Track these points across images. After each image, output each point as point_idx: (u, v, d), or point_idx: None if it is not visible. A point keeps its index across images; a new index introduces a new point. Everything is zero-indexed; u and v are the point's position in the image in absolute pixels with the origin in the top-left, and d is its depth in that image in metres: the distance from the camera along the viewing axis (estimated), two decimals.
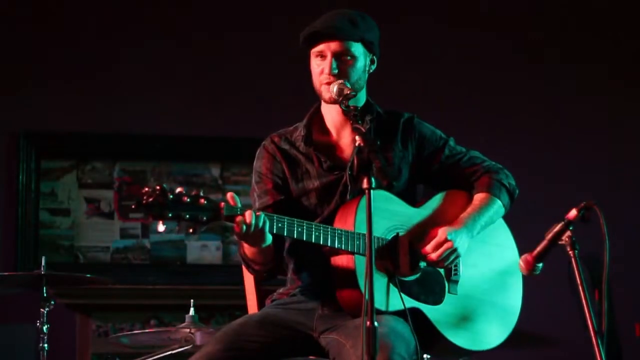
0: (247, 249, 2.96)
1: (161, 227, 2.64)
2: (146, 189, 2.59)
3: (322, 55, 3.02)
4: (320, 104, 3.16)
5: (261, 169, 3.14)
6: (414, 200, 3.13)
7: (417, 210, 3.09)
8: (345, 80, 2.98)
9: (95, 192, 5.76)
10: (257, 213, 2.74)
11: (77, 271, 5.16)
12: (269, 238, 2.81)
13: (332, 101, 3.01)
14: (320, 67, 3.03)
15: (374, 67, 3.12)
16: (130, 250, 5.74)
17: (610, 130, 6.13)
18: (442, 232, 2.99)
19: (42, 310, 4.16)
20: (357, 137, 2.64)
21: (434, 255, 2.98)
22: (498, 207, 3.15)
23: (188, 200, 2.62)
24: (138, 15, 5.88)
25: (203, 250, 5.80)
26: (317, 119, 3.16)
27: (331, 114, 3.12)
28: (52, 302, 4.19)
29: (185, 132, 5.80)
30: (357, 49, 3.04)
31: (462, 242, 3.01)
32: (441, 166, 3.18)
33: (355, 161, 2.59)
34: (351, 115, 2.83)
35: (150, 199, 2.57)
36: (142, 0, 5.95)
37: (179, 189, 2.63)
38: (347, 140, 3.11)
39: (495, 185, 3.15)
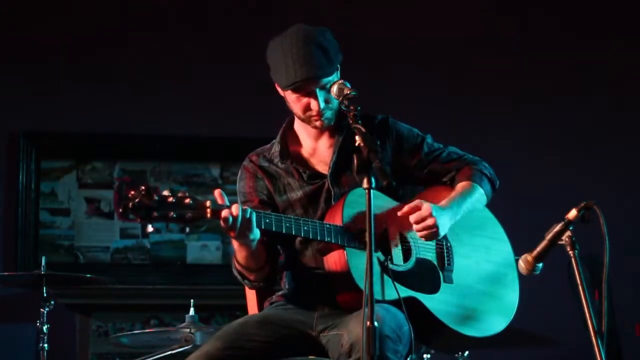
0: (239, 253, 2.96)
1: (150, 228, 2.66)
2: (132, 192, 2.61)
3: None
4: (292, 120, 3.19)
5: (245, 189, 3.16)
6: (398, 199, 3.14)
7: (403, 205, 3.10)
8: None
9: (95, 192, 5.76)
10: (244, 207, 2.76)
11: (77, 271, 5.18)
12: (257, 232, 2.81)
13: (325, 127, 3.05)
14: (303, 102, 3.03)
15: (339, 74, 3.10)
16: (130, 250, 5.74)
17: (611, 130, 6.13)
18: (426, 207, 2.96)
19: (42, 310, 4.17)
20: (357, 137, 2.64)
21: (417, 227, 2.95)
22: (480, 194, 3.17)
23: (173, 200, 2.64)
24: (138, 16, 5.88)
25: (203, 250, 5.80)
26: (291, 133, 3.19)
27: (305, 126, 3.13)
28: (52, 302, 4.20)
29: (185, 132, 5.80)
30: (334, 75, 3.03)
31: (444, 221, 2.99)
32: (420, 163, 3.20)
33: (355, 161, 2.59)
34: (351, 115, 2.82)
35: (136, 201, 2.59)
36: (141, 1, 5.95)
37: (164, 192, 2.65)
38: (323, 147, 3.14)
39: (476, 174, 3.19)
